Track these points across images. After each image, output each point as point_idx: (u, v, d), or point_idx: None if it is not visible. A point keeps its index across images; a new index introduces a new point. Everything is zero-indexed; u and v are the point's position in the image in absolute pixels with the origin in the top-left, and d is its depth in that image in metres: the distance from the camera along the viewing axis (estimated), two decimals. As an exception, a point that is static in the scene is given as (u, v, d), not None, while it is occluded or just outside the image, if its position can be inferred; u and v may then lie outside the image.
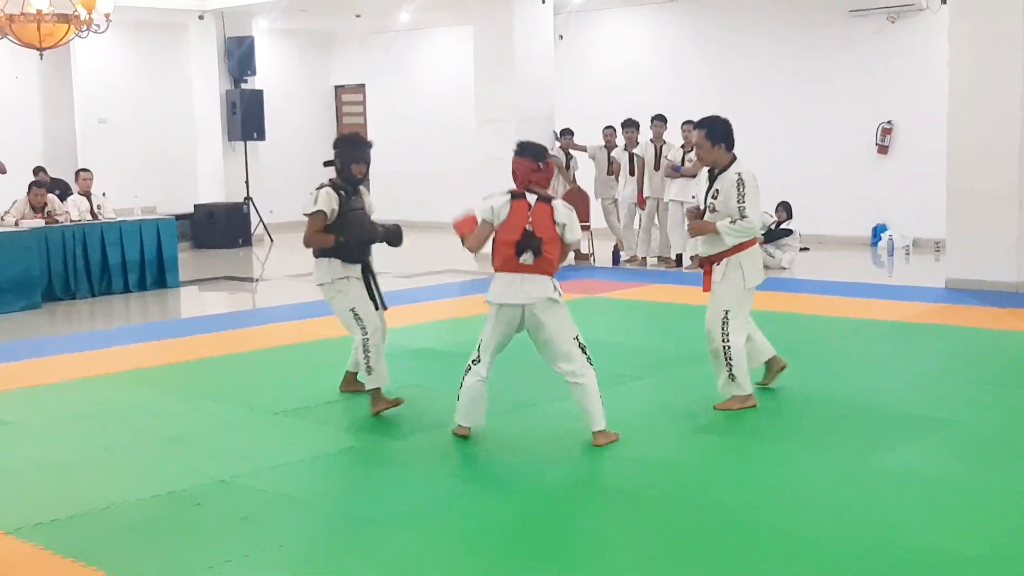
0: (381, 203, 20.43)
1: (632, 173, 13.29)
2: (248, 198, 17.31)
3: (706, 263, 6.57)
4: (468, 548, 4.54)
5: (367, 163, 6.70)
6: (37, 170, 13.93)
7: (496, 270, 6.12)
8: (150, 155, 17.94)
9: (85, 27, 11.24)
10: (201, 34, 17.39)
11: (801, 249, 13.30)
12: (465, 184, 16.27)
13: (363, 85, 20.19)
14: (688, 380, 7.28)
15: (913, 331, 9.00)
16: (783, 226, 12.96)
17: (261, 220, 17.45)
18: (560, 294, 6.03)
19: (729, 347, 6.38)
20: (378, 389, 6.56)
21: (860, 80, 14.52)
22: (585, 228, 13.85)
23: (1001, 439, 5.88)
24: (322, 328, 9.59)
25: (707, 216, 6.48)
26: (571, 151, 13.93)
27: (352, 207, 6.55)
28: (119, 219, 12.53)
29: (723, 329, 6.39)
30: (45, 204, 12.14)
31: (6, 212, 12.16)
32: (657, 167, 13.07)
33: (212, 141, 17.54)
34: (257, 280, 14.03)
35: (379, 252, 6.94)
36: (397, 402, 6.58)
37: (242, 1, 16.18)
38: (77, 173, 13.10)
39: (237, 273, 14.22)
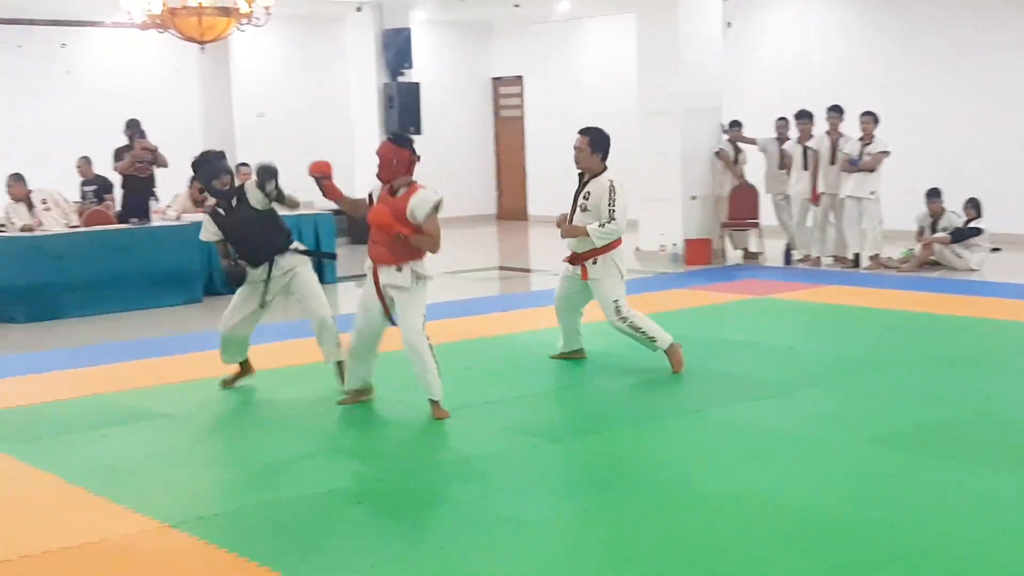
0: (537, 200, 20.70)
1: (805, 167, 13.07)
2: (404, 193, 17.64)
3: (579, 259, 7.59)
4: (615, 557, 4.55)
5: (228, 172, 7.33)
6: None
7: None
8: (307, 150, 18.43)
9: (245, 20, 11.67)
10: (358, 26, 17.79)
11: (992, 249, 12.82)
12: (627, 179, 16.23)
13: (521, 77, 20.35)
14: (864, 389, 7.14)
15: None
16: (972, 225, 12.51)
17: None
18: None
19: (633, 322, 7.50)
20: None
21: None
22: (754, 225, 13.76)
23: None
24: (477, 326, 9.76)
25: (577, 215, 7.52)
26: (740, 144, 13.79)
27: (236, 217, 7.13)
28: (280, 214, 12.94)
29: (620, 314, 7.49)
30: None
31: (167, 206, 12.75)
32: (833, 161, 12.82)
33: (369, 135, 17.89)
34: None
35: (538, 248, 7.04)
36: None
37: (400, -8, 16.50)
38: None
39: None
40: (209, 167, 7.26)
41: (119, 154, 13.23)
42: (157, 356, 8.80)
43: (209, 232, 7.28)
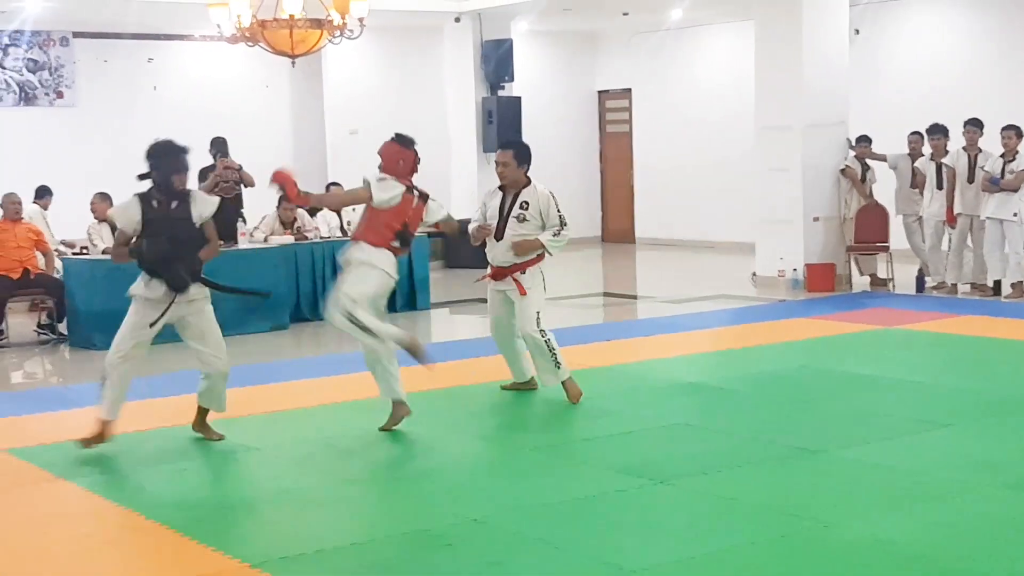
0: (645, 221, 20.64)
1: (940, 186, 12.78)
2: (503, 214, 17.67)
3: (506, 273, 7.81)
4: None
5: (187, 170, 6.95)
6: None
7: (373, 244, 7.28)
8: (401, 168, 18.65)
9: (338, 32, 11.82)
10: (456, 38, 17.93)
11: None
12: (743, 199, 16.11)
13: (629, 90, 20.31)
14: (1007, 430, 6.93)
15: None
16: None
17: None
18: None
19: (549, 339, 7.68)
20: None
21: None
22: (883, 249, 13.49)
23: None
24: (579, 357, 9.69)
25: (512, 227, 7.71)
26: (868, 161, 13.56)
27: (169, 217, 6.76)
28: (368, 236, 13.04)
29: (539, 326, 7.67)
30: (295, 219, 12.83)
31: (255, 228, 12.93)
32: (971, 179, 12.53)
33: (466, 153, 18.02)
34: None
35: (645, 273, 6.97)
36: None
37: (501, 1, 16.56)
38: (327, 187, 13.79)
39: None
40: (175, 160, 6.90)
41: (204, 174, 13.44)
42: (241, 386, 8.88)
43: (128, 218, 6.77)
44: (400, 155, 7.45)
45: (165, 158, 6.90)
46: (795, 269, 13.49)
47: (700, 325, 11.39)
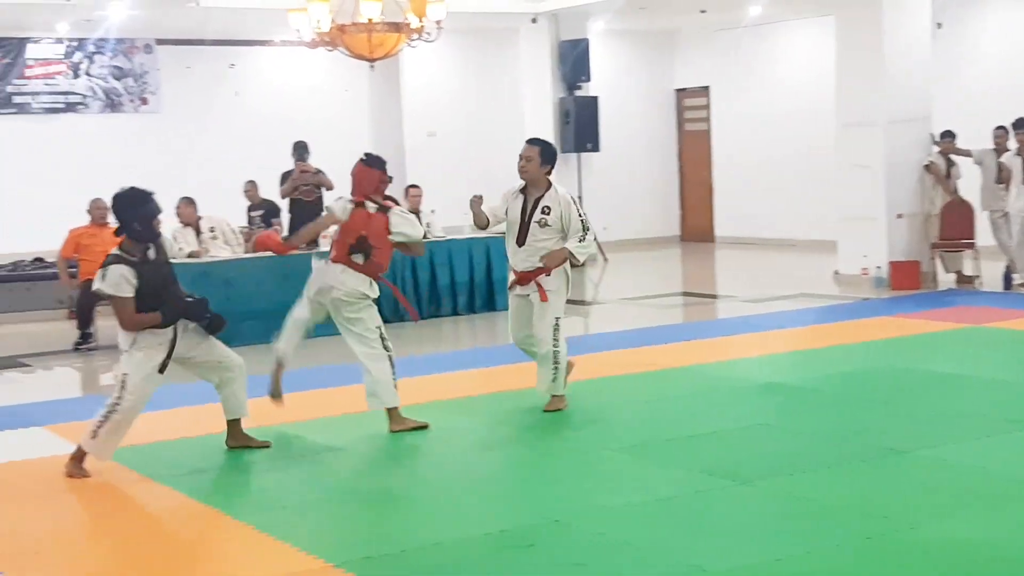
0: (724, 220, 20.50)
1: (1036, 191, 12.57)
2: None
3: (531, 278, 7.60)
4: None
5: (158, 214, 6.73)
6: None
7: (332, 260, 7.50)
8: (479, 169, 18.70)
9: (416, 36, 11.89)
10: (533, 39, 17.95)
11: None
12: (824, 196, 15.95)
13: (707, 88, 20.18)
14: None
15: None
16: None
17: (595, 238, 17.72)
18: (375, 291, 7.47)
19: (559, 351, 7.57)
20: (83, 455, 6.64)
21: None
22: (969, 246, 13.27)
23: None
24: (659, 357, 9.67)
25: (534, 232, 7.55)
26: (952, 156, 13.35)
27: (156, 272, 6.63)
28: (448, 237, 13.10)
29: (554, 335, 7.54)
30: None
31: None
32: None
33: (543, 153, 18.01)
34: (590, 303, 14.29)
35: (725, 272, 6.89)
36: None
37: (577, 1, 16.56)
38: (407, 190, 13.89)
39: (569, 296, 14.53)
40: (147, 206, 6.63)
41: (284, 178, 13.65)
42: (324, 387, 8.99)
43: (125, 286, 6.53)
44: (364, 175, 7.64)
45: (140, 206, 6.62)
46: (878, 267, 13.33)
47: (781, 324, 11.29)
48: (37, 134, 16.77)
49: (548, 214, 7.56)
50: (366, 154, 7.89)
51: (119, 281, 6.49)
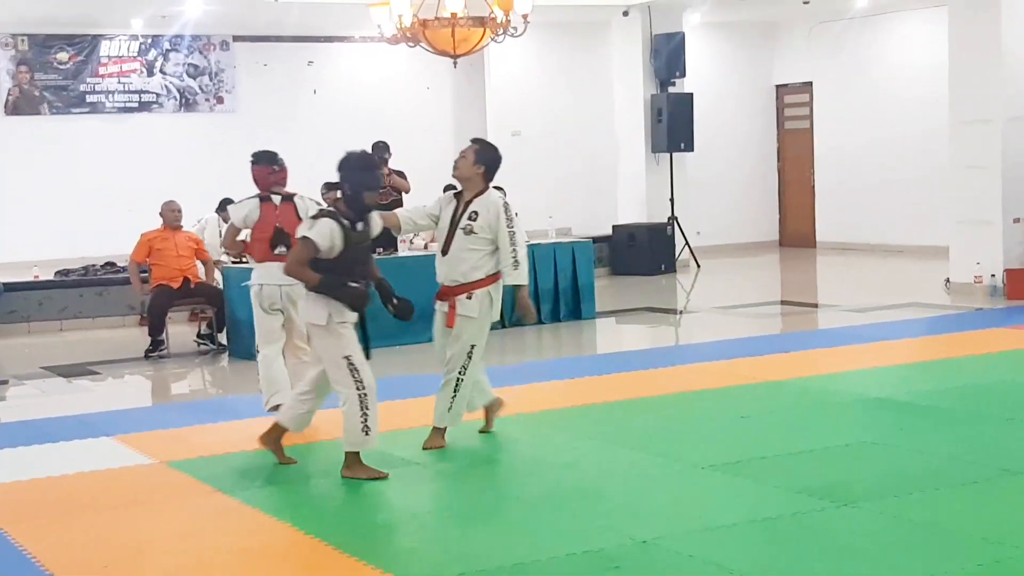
0: (827, 224, 20.27)
1: None
2: (673, 218, 17.60)
3: (450, 295, 7.21)
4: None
5: (381, 189, 6.77)
6: (446, 188, 14.89)
7: (258, 262, 8.11)
8: (566, 171, 18.71)
9: (501, 31, 11.90)
10: (625, 33, 17.92)
11: None
12: (936, 199, 15.70)
13: (810, 83, 19.99)
14: None
15: None
16: None
17: (687, 243, 17.68)
18: None
19: (463, 381, 7.16)
20: (358, 454, 6.64)
21: None
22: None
23: None
24: (756, 369, 9.56)
25: (458, 239, 7.14)
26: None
27: (358, 244, 6.58)
28: (532, 242, 13.06)
29: (464, 363, 7.17)
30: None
31: (415, 234, 13.08)
32: None
33: (634, 153, 17.99)
34: (681, 312, 14.22)
35: (827, 280, 6.74)
36: (382, 474, 6.62)
37: (671, -7, 16.51)
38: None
39: (659, 304, 14.47)
40: (367, 177, 6.61)
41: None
42: (400, 398, 9.00)
43: (332, 241, 6.43)
44: (256, 173, 8.38)
45: (360, 172, 6.61)
46: (993, 275, 13.09)
47: (888, 336, 11.12)
48: (110, 134, 17.11)
49: (475, 220, 7.12)
50: (253, 153, 8.54)
51: (324, 232, 6.40)
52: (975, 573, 4.93)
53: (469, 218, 7.15)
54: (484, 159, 7.29)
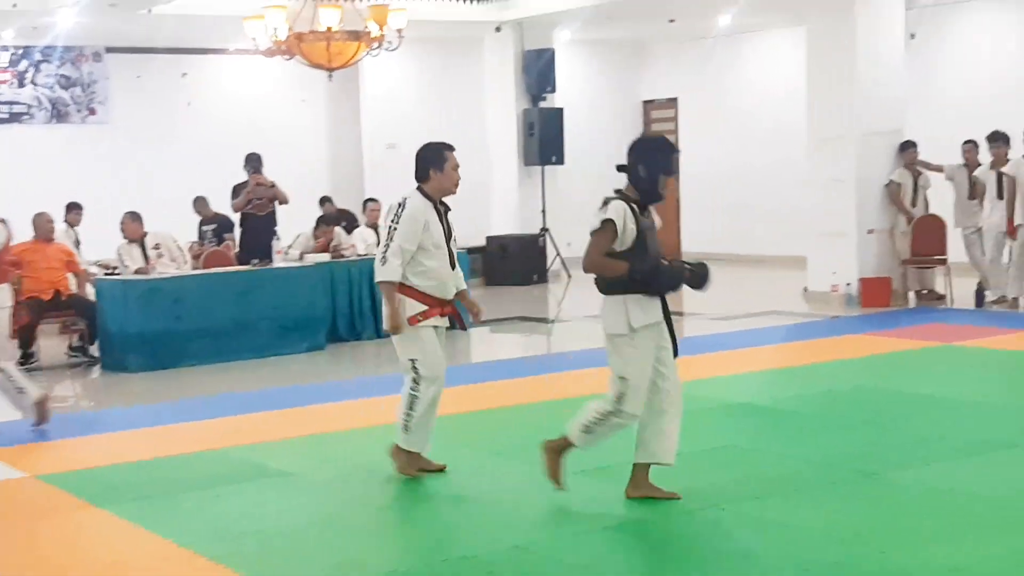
0: (692, 235, 20.57)
1: (1000, 196, 12.66)
2: (544, 229, 17.72)
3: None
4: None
5: (671, 174, 6.15)
6: (323, 200, 14.81)
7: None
8: (440, 182, 18.68)
9: (376, 45, 11.87)
10: (497, 48, 17.98)
11: None
12: (795, 212, 16.00)
13: (675, 99, 20.27)
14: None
15: None
16: None
17: (558, 254, 17.79)
18: None
19: (418, 398, 6.60)
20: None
21: None
22: (941, 263, 13.34)
23: None
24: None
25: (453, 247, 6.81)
26: (921, 169, 13.43)
27: (650, 228, 6.04)
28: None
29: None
30: (331, 239, 12.88)
31: (289, 246, 12.97)
32: (1033, 187, 12.42)
33: (506, 166, 18.06)
34: (553, 321, 14.30)
35: (689, 292, 6.82)
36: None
37: (543, 10, 16.58)
38: (364, 203, 13.83)
39: (531, 313, 14.53)
40: (666, 161, 6.06)
41: (236, 191, 13.48)
42: (277, 408, 8.92)
43: (625, 222, 5.91)
44: None
45: (658, 155, 6.07)
46: (848, 284, 13.39)
47: (749, 343, 11.30)
48: (-21, 145, 16.61)
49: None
50: None
51: (621, 213, 5.86)
52: (831, 570, 5.04)
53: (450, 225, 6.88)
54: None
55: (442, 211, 6.76)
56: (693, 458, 6.98)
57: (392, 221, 6.62)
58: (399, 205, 6.63)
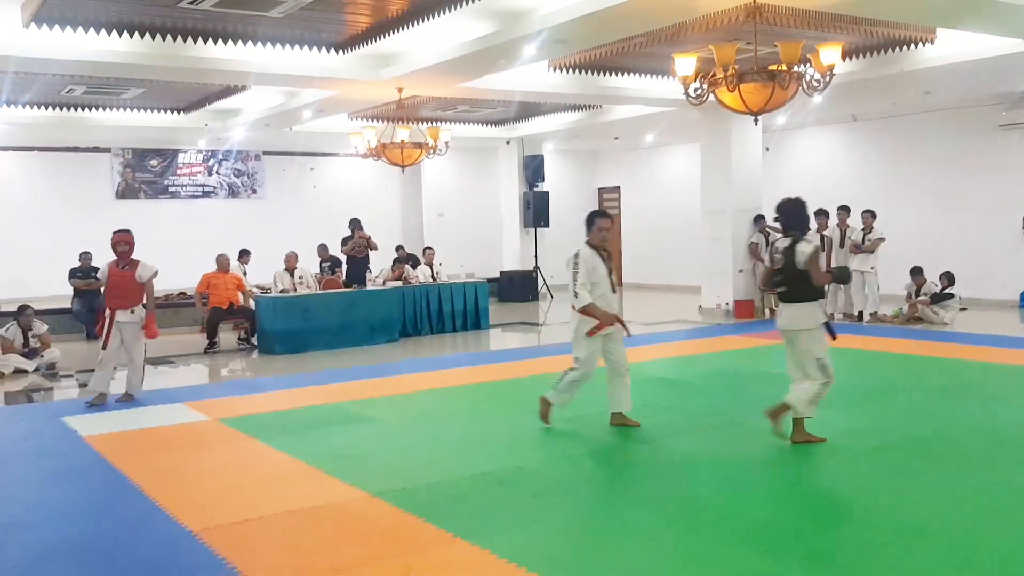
0: (629, 271, 20.38)
1: (822, 250, 12.61)
2: (536, 267, 17.70)
3: (618, 320, 6.21)
4: (694, 527, 4.35)
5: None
6: (398, 248, 14.82)
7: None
8: (471, 237, 18.73)
9: (432, 151, 11.89)
10: (507, 154, 18.04)
11: (961, 309, 12.15)
12: (694, 257, 16.01)
13: (619, 187, 20.28)
14: (873, 409, 6.78)
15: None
16: (946, 291, 11.91)
17: (545, 282, 17.77)
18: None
19: (567, 376, 6.21)
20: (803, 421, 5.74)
21: (1008, 178, 13.24)
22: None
23: None
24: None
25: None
26: (770, 232, 13.39)
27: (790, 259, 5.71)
28: (450, 281, 13.08)
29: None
30: (403, 271, 12.87)
31: (376, 276, 12.97)
32: (842, 245, 12.38)
33: (513, 227, 18.08)
34: (541, 324, 14.25)
35: (630, 305, 6.76)
36: (818, 439, 5.71)
37: (536, 131, 16.64)
38: (424, 250, 13.83)
39: (528, 319, 14.50)
40: (803, 212, 5.75)
41: (345, 241, 13.58)
42: (369, 378, 8.90)
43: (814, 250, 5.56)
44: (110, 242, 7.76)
45: (798, 211, 5.75)
46: (727, 303, 13.35)
47: (665, 340, 11.26)
48: (184, 212, 16.67)
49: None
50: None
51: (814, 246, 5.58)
52: (715, 487, 5.01)
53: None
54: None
55: (604, 256, 6.26)
56: (634, 412, 6.96)
57: (573, 267, 6.17)
58: (575, 255, 6.19)
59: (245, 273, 13.43)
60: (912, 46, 10.06)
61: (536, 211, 17.55)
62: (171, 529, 4.49)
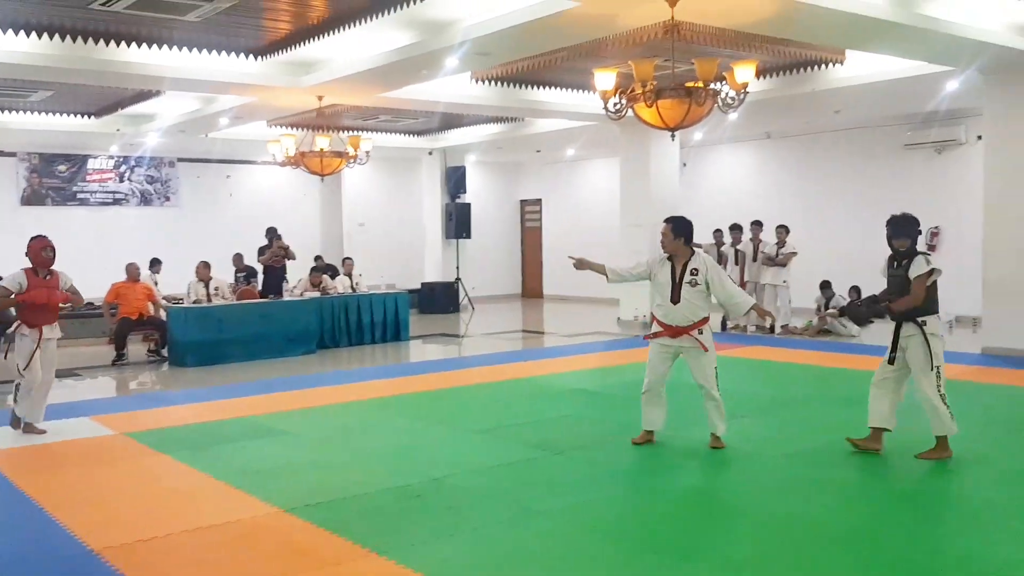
0: (550, 284, 20.58)
1: (736, 263, 12.97)
2: (458, 278, 17.68)
3: (686, 331, 6.02)
4: (608, 537, 4.41)
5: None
6: (317, 258, 14.62)
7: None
8: (392, 248, 18.60)
9: (352, 160, 11.78)
10: (430, 165, 18.00)
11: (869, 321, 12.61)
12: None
13: (540, 199, 20.44)
14: (780, 419, 6.99)
15: (956, 387, 8.38)
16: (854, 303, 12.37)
17: (466, 293, 17.76)
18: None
19: (719, 396, 6.04)
20: (945, 438, 5.68)
21: (914, 195, 13.85)
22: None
23: (1032, 474, 5.39)
24: (505, 372, 9.64)
25: (686, 289, 5.96)
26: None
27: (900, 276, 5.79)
28: (370, 292, 12.95)
29: (716, 382, 6.04)
30: (321, 282, 12.70)
31: (293, 287, 12.76)
32: (755, 259, 12.73)
33: (434, 238, 18.04)
34: (462, 336, 14.22)
35: (549, 317, 6.81)
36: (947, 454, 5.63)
37: (458, 142, 16.66)
38: (343, 260, 13.67)
39: (449, 331, 14.46)
40: (915, 228, 5.70)
41: (261, 251, 13.33)
42: (284, 391, 8.73)
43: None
44: (30, 249, 6.82)
45: (914, 226, 5.75)
46: (644, 315, 13.56)
47: (584, 351, 11.37)
48: (93, 219, 16.09)
49: (696, 275, 5.99)
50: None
51: (926, 263, 5.65)
52: (630, 496, 5.07)
53: (692, 273, 5.98)
54: (680, 232, 6.07)
55: (674, 263, 6.06)
56: (548, 422, 7.01)
57: (719, 273, 6.06)
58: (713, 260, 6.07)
59: (156, 283, 13.01)
60: (823, 66, 10.47)
61: (458, 222, 17.54)
62: (72, 548, 4.31)
